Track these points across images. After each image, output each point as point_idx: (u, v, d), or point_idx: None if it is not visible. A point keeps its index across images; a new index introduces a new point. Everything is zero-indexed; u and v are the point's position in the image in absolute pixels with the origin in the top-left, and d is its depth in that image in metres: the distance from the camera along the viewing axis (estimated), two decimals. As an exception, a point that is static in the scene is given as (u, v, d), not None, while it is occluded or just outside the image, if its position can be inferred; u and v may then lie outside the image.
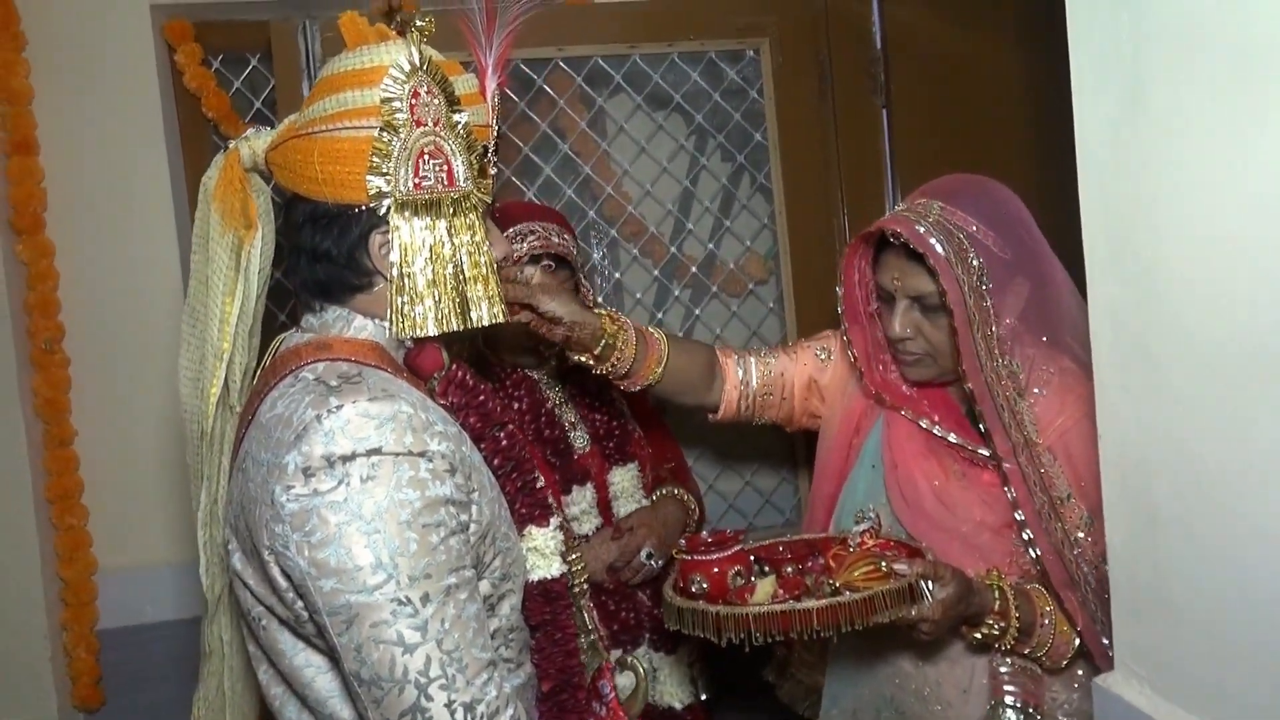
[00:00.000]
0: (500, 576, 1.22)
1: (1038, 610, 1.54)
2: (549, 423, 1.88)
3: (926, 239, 1.54)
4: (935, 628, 1.46)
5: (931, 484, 1.65)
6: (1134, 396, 1.12)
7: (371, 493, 1.05)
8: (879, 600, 1.39)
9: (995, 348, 1.54)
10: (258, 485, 1.11)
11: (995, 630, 1.52)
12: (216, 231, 1.26)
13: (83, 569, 2.46)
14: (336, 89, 1.16)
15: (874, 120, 2.69)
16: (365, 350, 1.20)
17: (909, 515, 1.66)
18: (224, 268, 1.27)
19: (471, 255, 1.18)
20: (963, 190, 1.62)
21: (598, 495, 1.90)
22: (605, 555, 1.84)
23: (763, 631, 1.36)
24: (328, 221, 1.18)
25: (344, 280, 1.21)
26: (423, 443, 1.09)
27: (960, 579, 1.47)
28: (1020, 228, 1.61)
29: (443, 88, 1.17)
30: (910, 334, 1.62)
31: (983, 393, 1.54)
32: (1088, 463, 1.47)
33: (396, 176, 1.14)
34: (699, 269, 2.75)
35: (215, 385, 1.28)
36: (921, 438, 1.69)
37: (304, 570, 1.06)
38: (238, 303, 1.27)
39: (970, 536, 1.61)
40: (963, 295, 1.52)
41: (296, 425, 1.09)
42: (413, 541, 1.06)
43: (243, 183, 1.26)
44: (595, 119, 2.69)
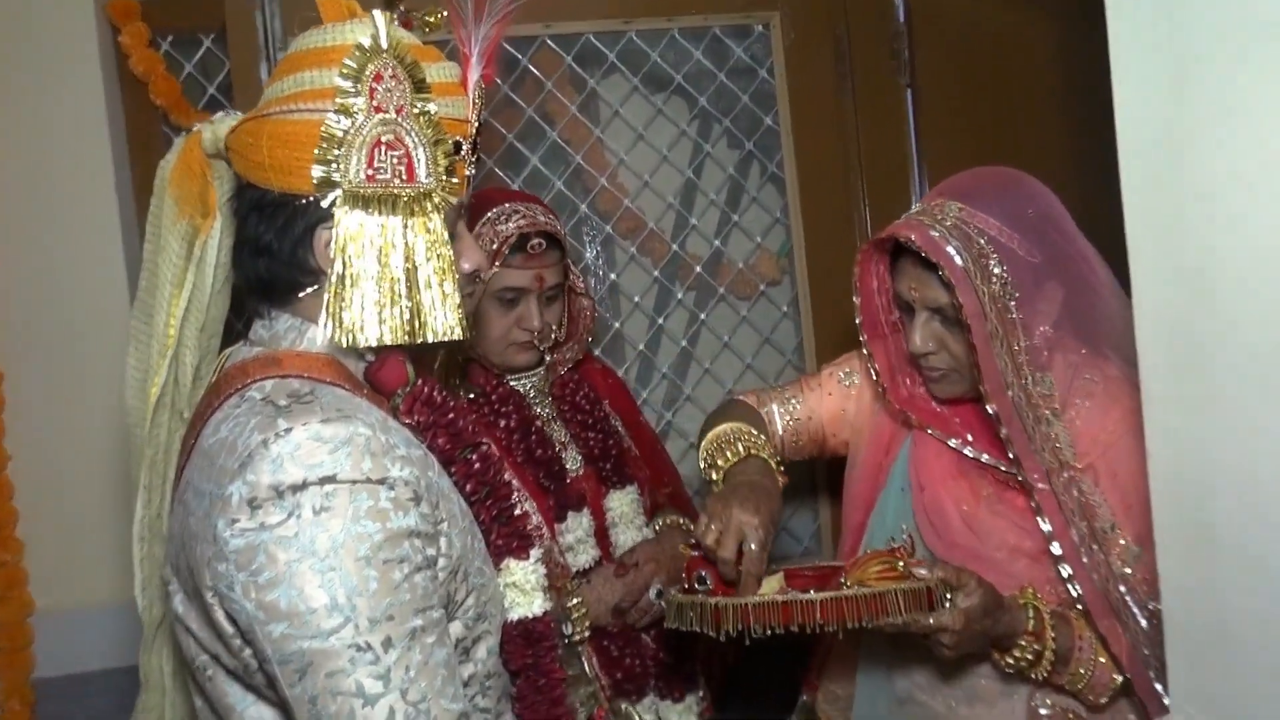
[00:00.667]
0: (475, 617, 1.21)
1: (1076, 635, 1.54)
2: (540, 442, 1.86)
3: (942, 246, 1.54)
4: (957, 640, 1.46)
5: (960, 509, 1.66)
6: (1187, 410, 1.11)
7: (326, 525, 1.04)
8: (891, 599, 1.41)
9: (1024, 364, 1.54)
10: (199, 519, 1.10)
11: (1029, 654, 1.52)
12: (170, 219, 1.27)
13: (17, 610, 2.45)
14: (296, 68, 1.17)
15: (897, 102, 2.68)
16: (319, 365, 1.20)
17: (937, 542, 1.67)
18: (174, 257, 1.27)
19: (428, 261, 1.17)
20: (984, 188, 1.63)
21: (594, 522, 1.89)
22: (609, 596, 1.81)
23: (763, 623, 1.39)
24: (272, 211, 1.19)
25: (287, 279, 1.21)
26: (383, 468, 1.08)
27: (988, 591, 1.48)
28: (1050, 227, 1.60)
29: (410, 73, 1.17)
30: (933, 348, 1.63)
31: (1009, 415, 1.54)
32: (1136, 483, 1.45)
33: (346, 165, 1.14)
34: (704, 269, 2.75)
35: (156, 385, 1.28)
36: (951, 457, 1.69)
37: (251, 614, 1.05)
38: (186, 295, 1.27)
39: (1004, 564, 1.61)
40: (982, 308, 1.52)
41: (241, 451, 1.08)
42: (373, 579, 1.05)
43: (203, 168, 1.26)
44: (587, 103, 2.69)
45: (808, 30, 2.63)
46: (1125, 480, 1.53)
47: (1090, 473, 1.56)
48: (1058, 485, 1.53)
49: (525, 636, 1.28)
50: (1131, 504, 1.52)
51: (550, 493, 1.83)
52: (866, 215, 2.66)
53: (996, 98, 2.65)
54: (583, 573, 1.84)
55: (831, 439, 1.91)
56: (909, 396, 1.74)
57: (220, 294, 1.31)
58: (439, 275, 1.18)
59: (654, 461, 2.13)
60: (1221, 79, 1.00)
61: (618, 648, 1.84)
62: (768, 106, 2.68)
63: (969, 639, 1.47)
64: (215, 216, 1.26)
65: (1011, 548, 1.62)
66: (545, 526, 1.80)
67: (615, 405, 2.09)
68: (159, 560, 1.33)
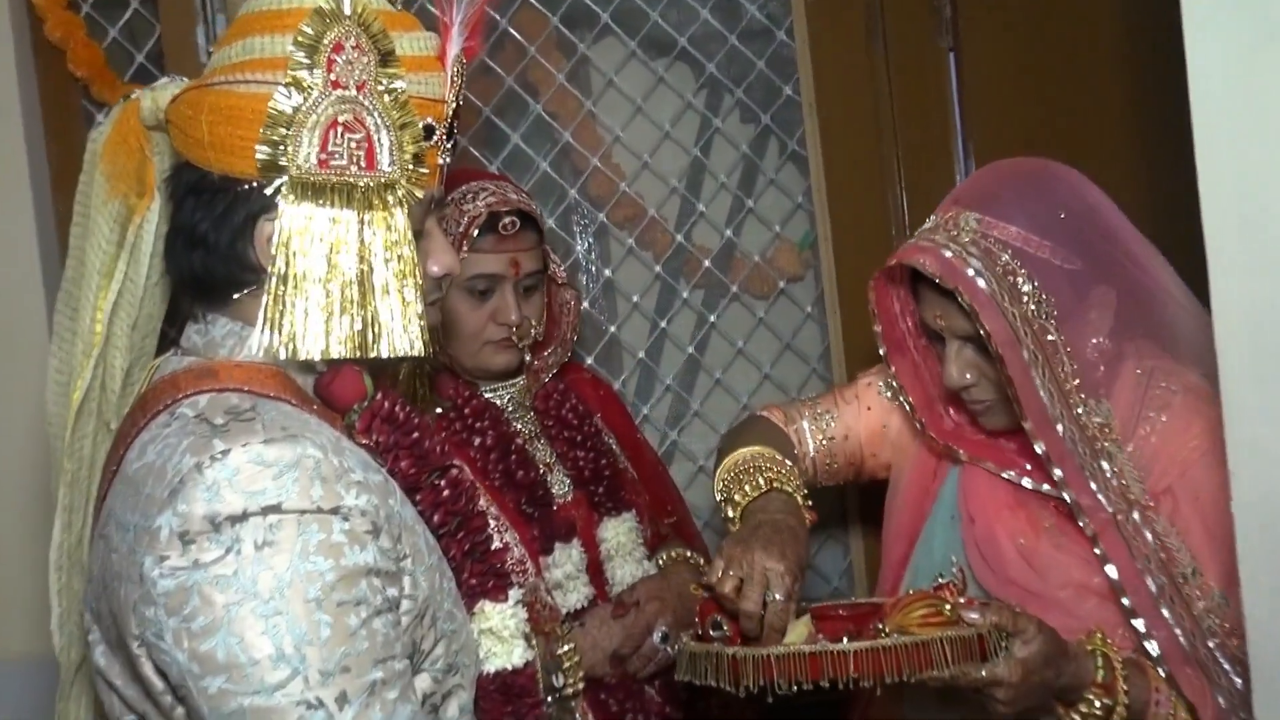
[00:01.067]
0: (444, 668, 1.21)
1: (1153, 688, 1.54)
2: (521, 462, 1.86)
3: (960, 269, 1.56)
4: (1014, 695, 1.46)
5: (1016, 543, 1.67)
6: (1276, 421, 1.10)
7: (270, 563, 1.04)
8: (936, 648, 1.40)
9: (1073, 390, 1.56)
10: (122, 557, 1.10)
11: (1098, 709, 1.51)
12: (100, 197, 1.28)
13: (-67, 662, 2.44)
14: (246, 32, 1.18)
15: (938, 67, 2.67)
16: (261, 377, 1.19)
17: (991, 579, 1.67)
18: (104, 242, 1.28)
19: (387, 263, 1.17)
20: (1004, 191, 1.65)
21: (586, 555, 1.89)
22: (606, 641, 1.79)
23: (787, 677, 1.39)
24: (211, 197, 1.19)
25: (225, 276, 1.21)
26: (335, 496, 1.08)
27: (1050, 637, 1.48)
28: (1087, 226, 1.62)
29: (377, 43, 1.17)
30: (971, 379, 1.65)
31: (1060, 453, 1.56)
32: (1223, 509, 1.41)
33: (295, 148, 1.14)
34: (714, 263, 2.73)
35: (79, 389, 1.28)
36: (1007, 485, 1.71)
37: (184, 666, 1.05)
38: (116, 286, 1.27)
39: (1069, 604, 1.62)
40: (1015, 333, 1.54)
41: (171, 478, 1.08)
42: (325, 625, 1.04)
43: (141, 141, 1.27)
44: (576, 71, 2.68)
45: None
46: (1209, 505, 1.53)
47: (1168, 500, 1.56)
48: (1127, 531, 1.54)
49: (503, 691, 1.28)
50: (1216, 533, 1.51)
51: (534, 521, 1.83)
52: (903, 199, 2.65)
53: (1052, 62, 2.63)
54: (575, 614, 1.83)
55: (870, 460, 1.93)
56: (953, 429, 1.76)
57: (157, 286, 1.31)
58: (399, 280, 1.18)
59: (655, 486, 2.13)
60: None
61: (617, 702, 1.82)
62: (787, 74, 2.67)
63: (1028, 692, 1.47)
64: (153, 196, 1.26)
65: (1078, 585, 1.62)
66: (529, 561, 1.80)
67: (608, 420, 2.09)
68: (79, 593, 1.32)
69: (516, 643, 1.30)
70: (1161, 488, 1.57)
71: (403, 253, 1.18)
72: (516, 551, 1.79)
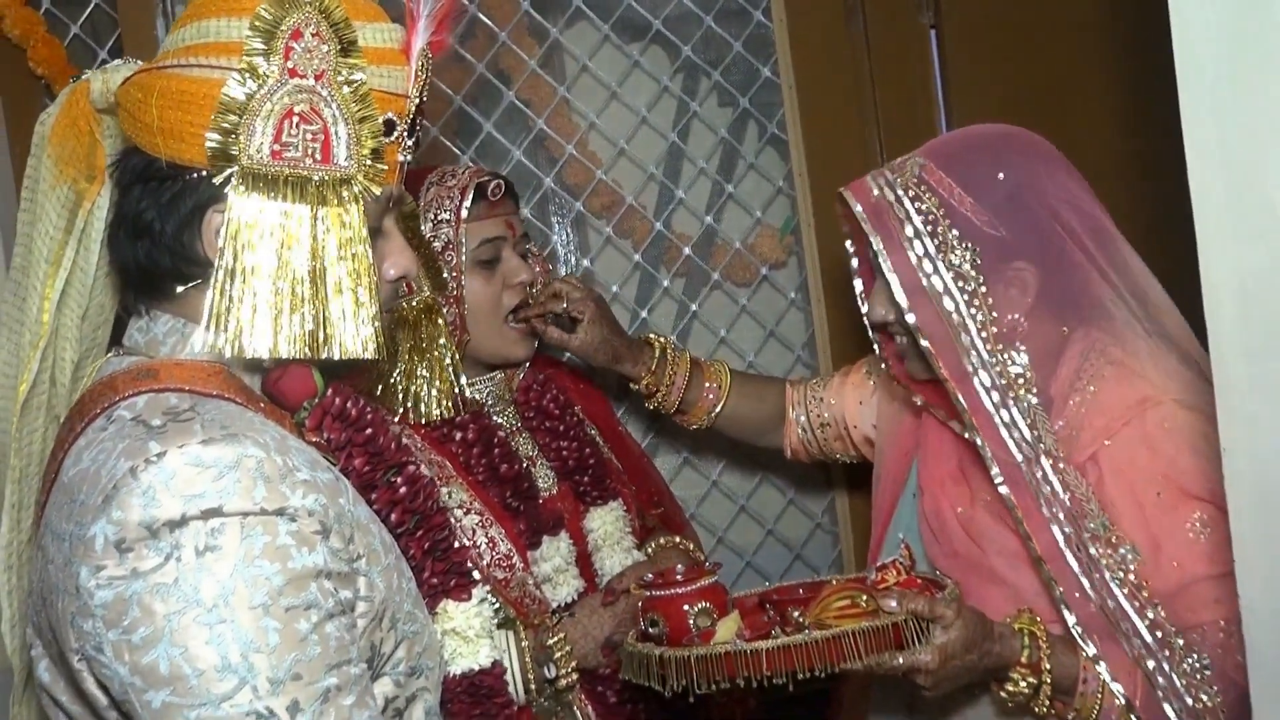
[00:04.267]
0: (407, 672, 1.19)
1: (1082, 664, 1.57)
2: (504, 456, 1.84)
3: (880, 202, 1.62)
4: (936, 679, 1.49)
5: (955, 512, 1.72)
6: (1271, 395, 1.08)
7: (212, 569, 1.02)
8: (848, 641, 1.44)
9: (990, 339, 1.60)
10: (59, 568, 1.07)
11: (1024, 687, 1.55)
12: (48, 182, 1.26)
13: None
14: (200, 15, 1.16)
15: (920, 46, 2.67)
16: (203, 376, 1.17)
17: (938, 552, 1.74)
18: (52, 228, 1.26)
19: (341, 261, 1.15)
20: (956, 145, 1.71)
21: (575, 547, 1.88)
22: (597, 629, 1.78)
23: (706, 677, 1.44)
24: (158, 185, 1.17)
25: (170, 268, 1.18)
26: (280, 496, 1.06)
27: (972, 621, 1.50)
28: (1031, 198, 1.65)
29: (338, 32, 1.15)
30: (889, 317, 1.72)
31: (974, 401, 1.60)
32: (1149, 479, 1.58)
33: (248, 138, 1.12)
34: (694, 251, 2.72)
35: (26, 379, 1.26)
36: (954, 458, 1.75)
37: (125, 680, 1.03)
38: (63, 275, 1.25)
39: (1005, 572, 1.67)
40: (920, 274, 1.59)
41: (105, 483, 1.05)
42: (273, 631, 1.02)
43: (90, 124, 1.25)
44: (549, 56, 2.66)
45: (811, -38, 2.61)
46: (1138, 478, 1.58)
47: (1093, 468, 1.60)
48: (1035, 478, 1.59)
49: (472, 693, 1.27)
50: (1144, 504, 1.57)
51: (520, 516, 1.81)
52: (886, 181, 2.64)
53: (1037, 38, 2.63)
54: (565, 607, 1.83)
55: (854, 436, 2.05)
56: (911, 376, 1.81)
57: (109, 276, 1.29)
58: (352, 279, 1.16)
59: (641, 479, 2.13)
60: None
61: (615, 692, 1.82)
62: (765, 55, 2.67)
63: (951, 675, 1.50)
64: (104, 182, 1.25)
65: (1013, 554, 1.66)
66: (517, 556, 1.78)
67: (590, 412, 2.10)
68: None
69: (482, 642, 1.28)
70: (1085, 456, 1.60)
71: (356, 251, 1.17)
72: (503, 547, 1.78)
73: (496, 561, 1.75)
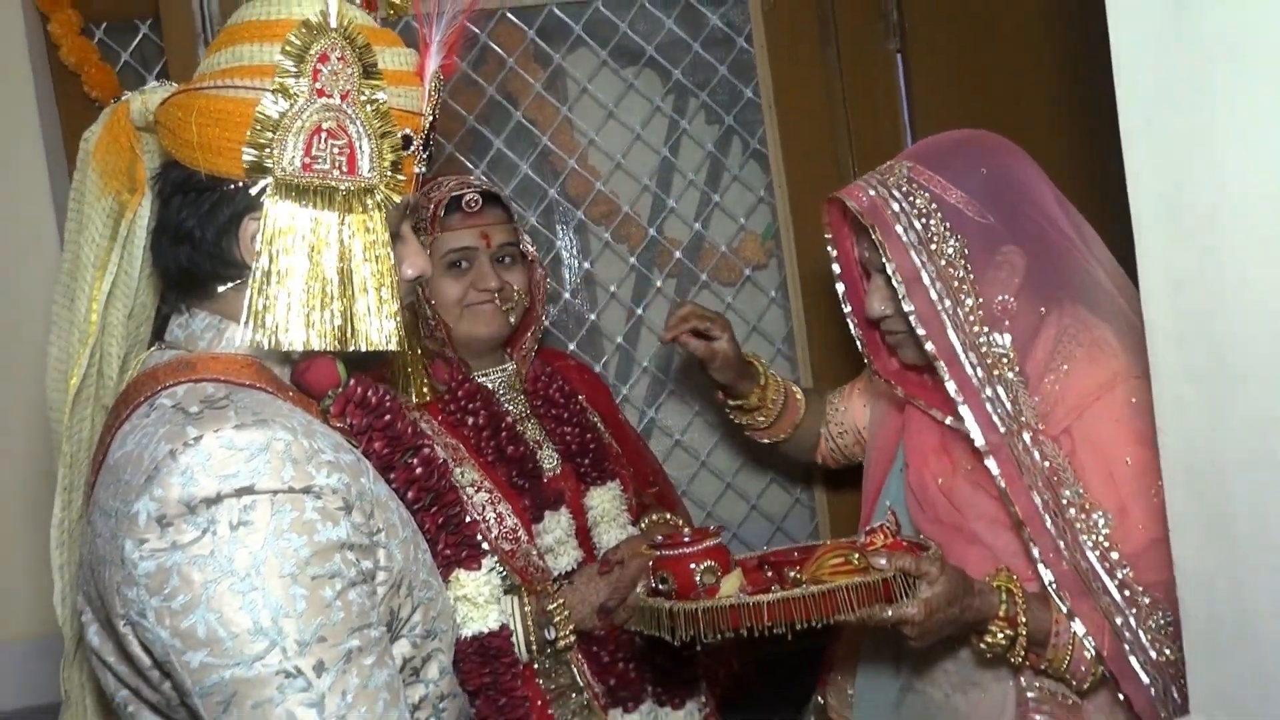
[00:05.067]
0: (423, 634, 1.19)
1: (1054, 619, 1.56)
2: (511, 438, 1.84)
3: (879, 208, 1.61)
4: (921, 630, 1.49)
5: (938, 482, 1.72)
6: (1199, 380, 1.08)
7: (245, 541, 1.01)
8: (842, 596, 1.44)
9: (976, 322, 1.59)
10: (106, 541, 1.07)
11: (1001, 639, 1.55)
12: (93, 193, 1.25)
13: (-47, 644, 2.40)
14: (235, 40, 1.16)
15: (887, 68, 2.65)
16: (237, 368, 1.17)
17: (922, 518, 1.74)
18: (98, 236, 1.25)
19: (366, 263, 1.15)
20: (938, 147, 1.70)
21: (575, 522, 1.88)
22: (593, 595, 1.77)
23: (712, 628, 1.44)
24: (198, 195, 1.16)
25: (209, 271, 1.18)
26: (306, 476, 1.05)
27: (954, 578, 1.50)
28: (1007, 188, 1.65)
29: (361, 56, 1.14)
30: (888, 311, 1.69)
31: (962, 379, 1.59)
32: (1117, 452, 1.57)
33: (281, 151, 1.12)
34: (684, 254, 2.71)
35: (76, 373, 1.25)
36: (935, 432, 1.75)
37: (167, 643, 1.02)
38: (109, 278, 1.24)
39: (985, 536, 1.66)
40: (915, 264, 1.58)
41: (147, 465, 1.05)
42: (300, 598, 1.02)
43: (131, 141, 1.24)
44: (552, 80, 2.65)
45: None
46: (1107, 448, 1.58)
47: (1067, 441, 1.60)
48: (1017, 450, 1.57)
49: (481, 654, 1.26)
50: (1114, 472, 1.56)
51: (525, 492, 1.81)
52: (857, 190, 2.63)
53: (993, 61, 2.61)
54: (565, 575, 1.82)
55: (864, 433, 2.03)
56: (896, 369, 1.79)
57: (150, 278, 1.28)
58: (376, 279, 1.16)
59: (638, 461, 2.11)
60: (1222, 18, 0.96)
61: (609, 653, 1.82)
62: (747, 77, 2.65)
63: (935, 627, 1.50)
64: (144, 192, 1.24)
65: (990, 519, 1.66)
66: (522, 529, 1.78)
67: (592, 401, 2.08)
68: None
69: (491, 608, 1.27)
70: (1060, 429, 1.60)
71: (380, 253, 1.16)
72: (510, 521, 1.77)
73: (504, 534, 1.75)
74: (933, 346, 1.59)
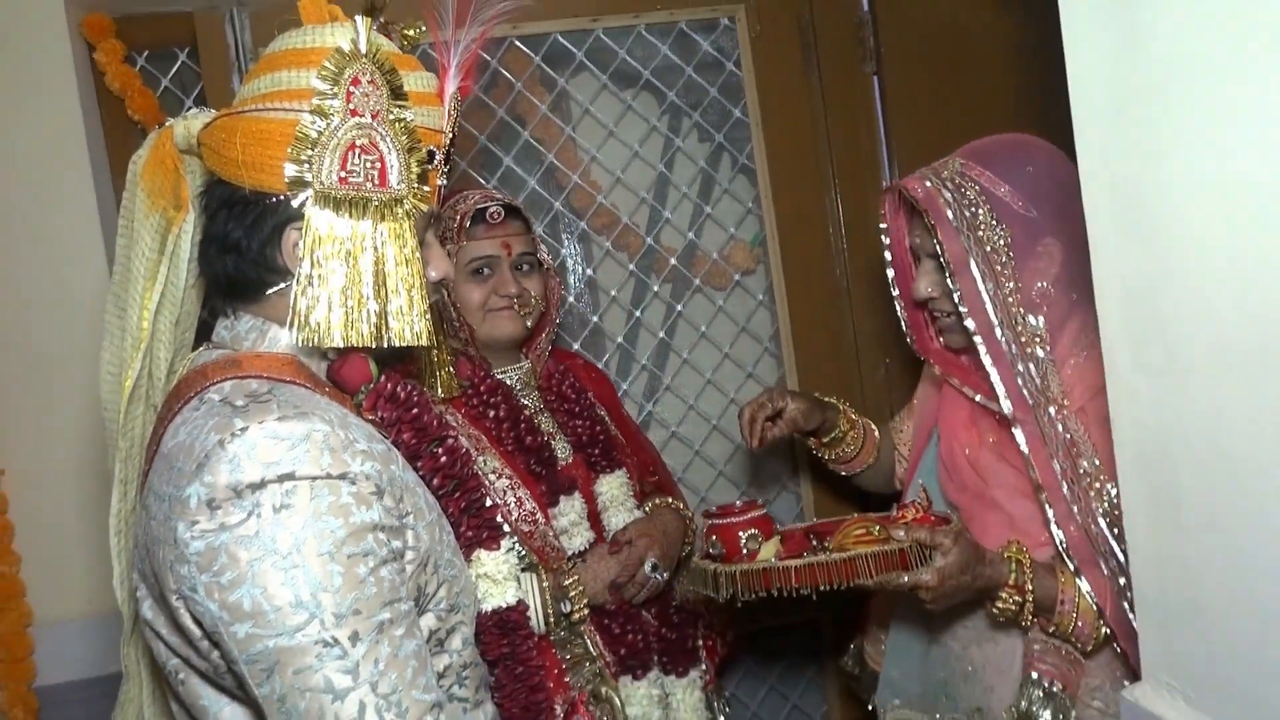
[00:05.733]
0: (447, 608, 1.19)
1: (1060, 588, 1.58)
2: (529, 430, 1.85)
3: (932, 196, 1.61)
4: (936, 595, 1.52)
5: (965, 453, 1.74)
6: (1151, 375, 1.08)
7: (286, 523, 1.02)
8: (861, 562, 1.50)
9: (1013, 304, 1.60)
10: (160, 523, 1.07)
11: (1010, 604, 1.57)
12: (142, 211, 1.25)
13: (16, 621, 2.40)
14: (273, 67, 1.16)
15: (865, 89, 2.66)
16: (279, 365, 1.17)
17: (950, 486, 1.76)
18: (147, 250, 1.25)
19: (398, 267, 1.16)
20: (989, 147, 1.70)
21: (587, 506, 1.89)
22: (605, 573, 1.81)
23: (748, 588, 1.53)
24: (242, 209, 1.17)
25: (254, 278, 1.19)
26: (343, 464, 1.06)
27: (966, 548, 1.53)
28: (1052, 185, 1.64)
29: (388, 80, 1.15)
30: (934, 293, 1.70)
31: (997, 353, 1.60)
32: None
33: (319, 167, 1.12)
34: (679, 260, 2.71)
35: (130, 378, 1.26)
36: (966, 408, 1.76)
37: (215, 615, 1.03)
38: (159, 289, 1.25)
39: (1004, 502, 1.68)
40: (965, 249, 1.59)
41: (198, 453, 1.05)
42: (337, 574, 1.03)
43: (175, 163, 1.24)
44: (557, 102, 2.65)
45: (773, 22, 2.60)
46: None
47: (1083, 418, 1.60)
48: (1043, 422, 1.58)
49: (500, 626, 1.26)
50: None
51: (542, 479, 1.83)
52: (838, 202, 2.64)
53: (961, 82, 2.62)
54: (578, 554, 1.84)
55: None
56: (936, 349, 1.82)
57: (194, 288, 1.29)
58: (407, 282, 1.16)
59: (639, 452, 2.12)
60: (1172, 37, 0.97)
61: (619, 625, 1.84)
62: (736, 99, 2.65)
63: (949, 593, 1.53)
64: (188, 209, 1.24)
65: (1011, 488, 1.68)
66: (539, 512, 1.80)
67: (600, 396, 2.09)
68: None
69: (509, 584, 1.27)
70: (1076, 408, 1.60)
71: (410, 258, 1.17)
72: (528, 505, 1.79)
73: (523, 517, 1.76)
74: (973, 323, 1.59)
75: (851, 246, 2.64)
